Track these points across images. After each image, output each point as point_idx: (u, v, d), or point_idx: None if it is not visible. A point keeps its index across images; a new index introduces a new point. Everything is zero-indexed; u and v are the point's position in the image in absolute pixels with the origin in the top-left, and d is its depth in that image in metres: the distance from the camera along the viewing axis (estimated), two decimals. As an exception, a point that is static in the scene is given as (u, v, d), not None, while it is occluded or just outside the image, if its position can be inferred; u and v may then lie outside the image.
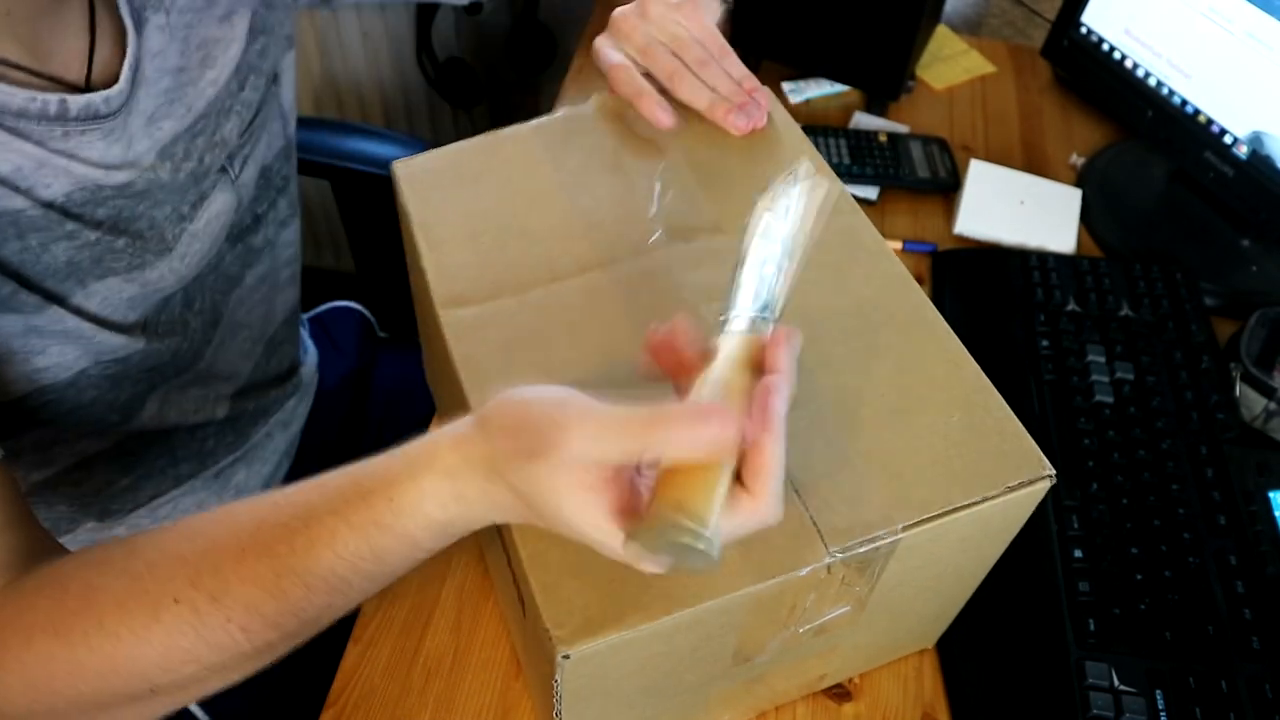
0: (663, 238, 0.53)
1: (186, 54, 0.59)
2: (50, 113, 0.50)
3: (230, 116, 0.64)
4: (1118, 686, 0.59)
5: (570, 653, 0.40)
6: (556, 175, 0.56)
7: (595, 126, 0.59)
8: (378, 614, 0.63)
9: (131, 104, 0.55)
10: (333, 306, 1.01)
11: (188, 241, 0.63)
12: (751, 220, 0.41)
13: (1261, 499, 0.69)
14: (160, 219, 0.60)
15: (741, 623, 0.45)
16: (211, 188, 0.64)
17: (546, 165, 0.56)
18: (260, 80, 0.67)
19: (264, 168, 0.71)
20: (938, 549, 0.48)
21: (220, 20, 0.61)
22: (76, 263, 0.55)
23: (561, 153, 0.57)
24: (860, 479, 0.45)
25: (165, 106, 0.58)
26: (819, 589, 0.45)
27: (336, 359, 0.96)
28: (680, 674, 0.47)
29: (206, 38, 0.60)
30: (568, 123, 0.59)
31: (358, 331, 1.00)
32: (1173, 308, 0.80)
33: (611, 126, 0.59)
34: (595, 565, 0.41)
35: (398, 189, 0.55)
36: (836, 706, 0.61)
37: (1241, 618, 0.62)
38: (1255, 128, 0.80)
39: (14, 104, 0.48)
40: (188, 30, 0.59)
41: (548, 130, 0.59)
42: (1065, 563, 0.64)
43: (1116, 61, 0.90)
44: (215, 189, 0.64)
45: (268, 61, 0.68)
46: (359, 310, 1.02)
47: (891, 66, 0.97)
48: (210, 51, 0.60)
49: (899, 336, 0.51)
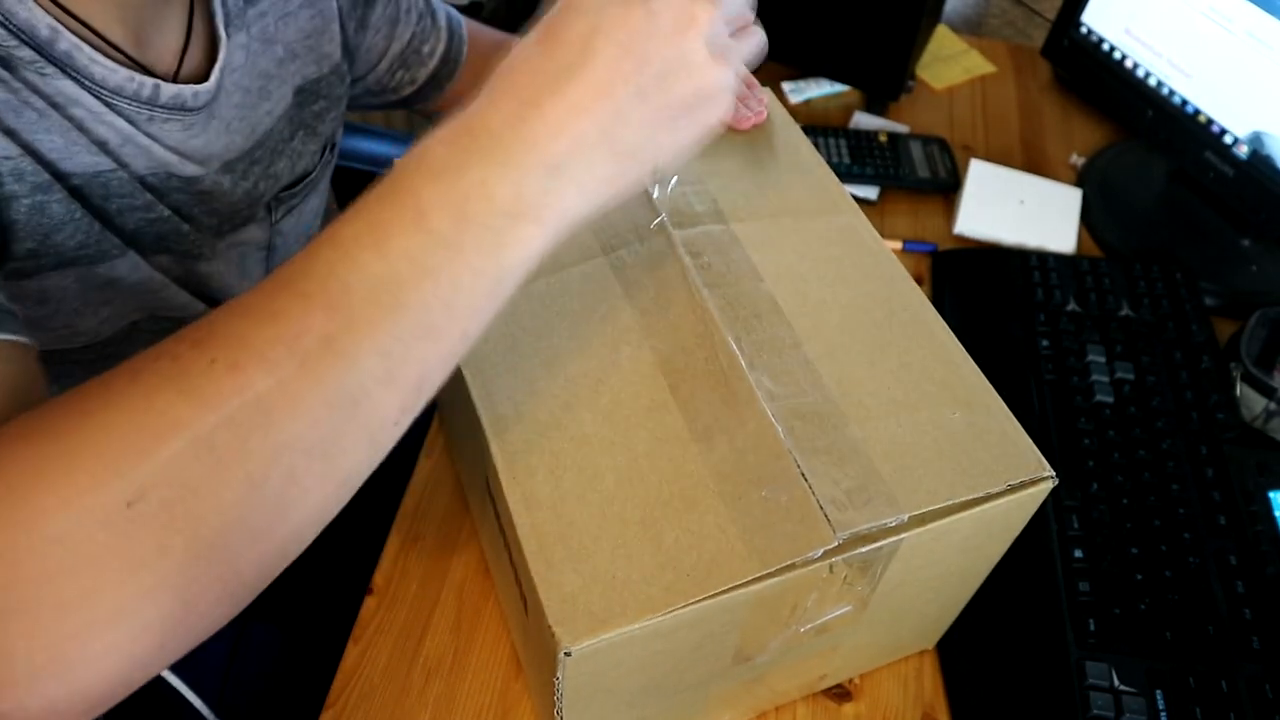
0: (664, 223, 0.53)
1: (253, 79, 0.62)
2: (143, 95, 0.53)
3: (281, 158, 0.66)
4: (1118, 686, 0.59)
5: (572, 649, 0.40)
6: None
7: None
8: (378, 614, 0.63)
9: (213, 106, 0.58)
10: None
11: (223, 255, 0.64)
12: None
13: (1261, 499, 0.69)
14: (210, 225, 0.62)
15: (743, 621, 0.45)
16: (251, 219, 0.65)
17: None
18: (311, 142, 0.69)
19: (307, 229, 0.72)
20: (939, 550, 0.48)
21: (279, 62, 0.64)
22: (143, 233, 0.57)
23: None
24: (863, 474, 0.45)
25: (236, 121, 0.61)
26: (821, 588, 0.45)
27: None
28: (681, 672, 0.47)
29: (266, 70, 0.63)
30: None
31: None
32: (1173, 308, 0.80)
33: None
34: (598, 562, 0.41)
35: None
36: (836, 706, 0.61)
37: (1241, 618, 0.62)
38: (1255, 128, 0.80)
39: (113, 81, 0.52)
40: (258, 56, 0.62)
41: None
42: (1065, 563, 0.64)
43: (1116, 61, 0.90)
44: (253, 222, 0.66)
45: (324, 126, 0.70)
46: None
47: (891, 66, 0.97)
48: (267, 85, 0.63)
49: (899, 337, 0.51)
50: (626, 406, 0.46)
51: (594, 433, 0.45)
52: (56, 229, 0.52)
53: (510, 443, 0.45)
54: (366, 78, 0.77)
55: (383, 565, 0.65)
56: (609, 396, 0.46)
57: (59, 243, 0.53)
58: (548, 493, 0.43)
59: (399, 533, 0.67)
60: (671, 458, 0.45)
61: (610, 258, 0.52)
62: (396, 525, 0.67)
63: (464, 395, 0.48)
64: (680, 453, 0.45)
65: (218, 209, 0.62)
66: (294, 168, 0.68)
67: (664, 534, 0.42)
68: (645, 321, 0.49)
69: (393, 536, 0.67)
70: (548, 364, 0.47)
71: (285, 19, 0.63)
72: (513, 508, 0.43)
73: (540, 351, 0.48)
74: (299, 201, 0.70)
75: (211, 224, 0.62)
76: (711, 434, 0.45)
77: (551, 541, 0.42)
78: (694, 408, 0.46)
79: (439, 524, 0.67)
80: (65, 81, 0.50)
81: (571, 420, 0.46)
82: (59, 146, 0.51)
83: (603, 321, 0.49)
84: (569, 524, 0.43)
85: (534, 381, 0.47)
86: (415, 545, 0.66)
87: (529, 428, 0.45)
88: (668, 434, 0.45)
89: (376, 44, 0.75)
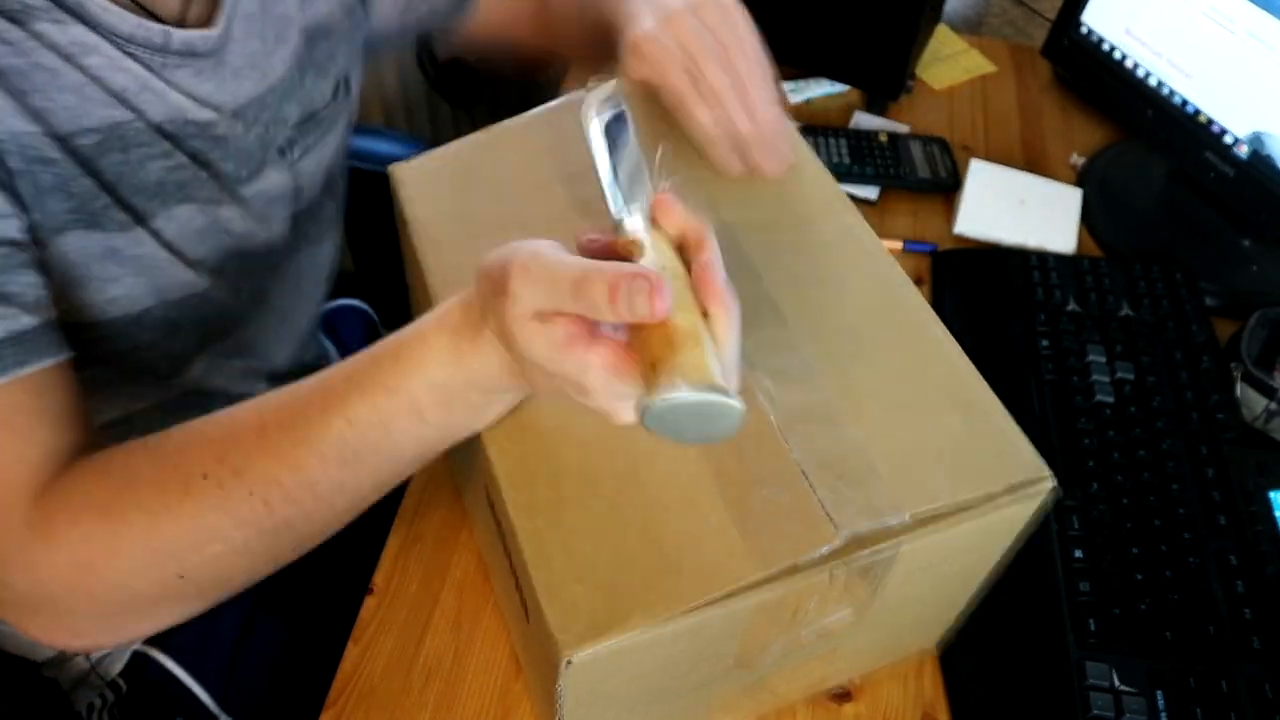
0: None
1: (267, 24, 0.61)
2: (155, 41, 0.54)
3: (292, 100, 0.65)
4: (1118, 686, 0.59)
5: (573, 658, 0.39)
6: (554, 165, 0.56)
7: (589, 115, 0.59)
8: (378, 614, 0.63)
9: (222, 53, 0.58)
10: (339, 305, 1.00)
11: (248, 202, 0.65)
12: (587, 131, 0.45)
13: (1261, 499, 0.69)
14: (228, 171, 0.62)
15: (744, 627, 0.45)
16: (268, 163, 0.65)
17: (544, 156, 0.56)
18: (322, 81, 0.68)
19: (328, 169, 0.72)
20: (940, 555, 0.48)
21: (298, 3, 0.64)
22: (165, 183, 0.58)
23: (559, 142, 0.57)
24: (863, 474, 0.45)
25: (247, 68, 0.60)
26: (821, 593, 0.45)
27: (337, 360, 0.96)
28: (683, 677, 0.47)
29: (283, 14, 0.63)
30: (565, 112, 0.59)
31: (363, 330, 1.00)
32: (1173, 308, 0.80)
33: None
34: (598, 568, 0.41)
35: (396, 193, 0.55)
36: (837, 706, 0.61)
37: (1241, 618, 0.63)
38: (1255, 128, 0.80)
39: (124, 28, 0.52)
40: (272, 2, 0.62)
41: (545, 121, 0.58)
42: (1065, 563, 0.64)
43: (1117, 61, 0.90)
44: (270, 166, 0.66)
45: (335, 64, 0.69)
46: (364, 309, 1.01)
47: (891, 66, 0.97)
48: (283, 30, 0.63)
49: (897, 339, 0.51)
50: None
51: (593, 438, 0.45)
52: (50, 194, 0.52)
53: (509, 449, 0.45)
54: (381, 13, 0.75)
55: (383, 565, 0.65)
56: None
57: (56, 211, 0.53)
58: (547, 499, 0.43)
59: (399, 533, 0.67)
60: (671, 461, 0.44)
61: None
62: (396, 525, 0.67)
63: None
64: (680, 456, 0.45)
65: (234, 154, 0.62)
66: (304, 109, 0.68)
67: (664, 538, 0.42)
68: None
69: (393, 536, 0.67)
70: None
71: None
72: (513, 515, 0.43)
73: None
74: (314, 141, 0.69)
75: (229, 170, 0.62)
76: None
77: (552, 548, 0.42)
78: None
79: (439, 524, 0.67)
80: (80, 28, 0.51)
81: (570, 426, 0.46)
82: (73, 105, 0.51)
83: None
84: (569, 531, 0.43)
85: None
86: (415, 545, 0.66)
87: (528, 434, 0.45)
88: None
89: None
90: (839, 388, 0.48)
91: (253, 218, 0.65)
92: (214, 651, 0.72)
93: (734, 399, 0.37)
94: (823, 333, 0.50)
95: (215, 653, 0.72)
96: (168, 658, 0.71)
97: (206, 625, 0.69)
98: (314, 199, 0.72)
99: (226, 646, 0.73)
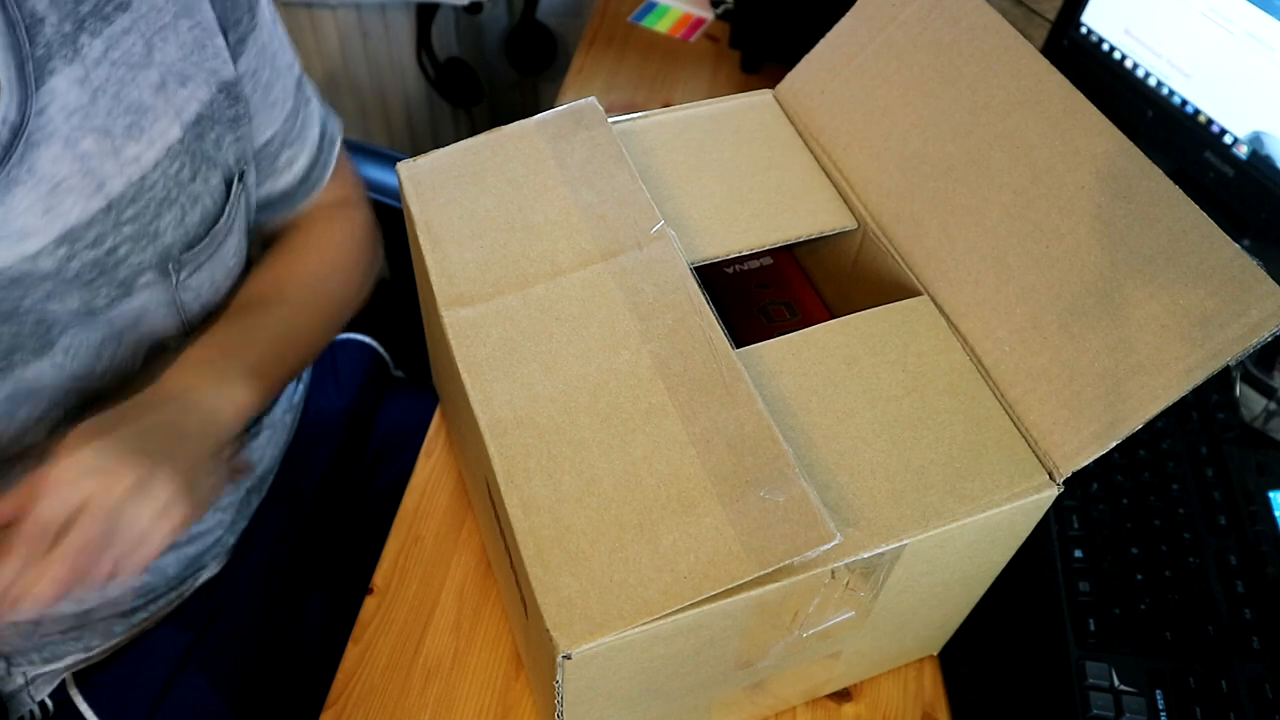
0: (665, 227, 0.53)
1: (113, 117, 0.51)
2: None
3: (171, 208, 0.56)
4: (1118, 686, 0.59)
5: (571, 653, 0.40)
6: (559, 170, 0.56)
7: (598, 120, 0.59)
8: (378, 614, 0.63)
9: (21, 165, 0.48)
10: (342, 339, 0.91)
11: (78, 334, 0.56)
12: None
13: (1261, 499, 0.69)
14: (50, 309, 0.53)
15: (744, 626, 0.45)
16: (134, 289, 0.56)
17: (550, 160, 0.56)
18: (217, 174, 0.59)
19: (229, 271, 0.63)
20: (942, 557, 0.48)
21: (155, 89, 0.53)
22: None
23: (565, 147, 0.57)
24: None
25: (78, 177, 0.50)
26: (822, 594, 0.45)
27: (334, 396, 0.87)
28: (683, 676, 0.47)
29: (138, 103, 0.52)
30: (570, 117, 0.59)
31: (367, 365, 0.91)
32: (1173, 308, 0.80)
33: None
34: (596, 566, 0.41)
35: (403, 190, 0.55)
36: (837, 706, 0.61)
37: (1241, 618, 0.63)
38: (1255, 128, 0.80)
39: None
40: (119, 88, 0.51)
41: (550, 126, 0.59)
42: (1065, 563, 0.65)
43: (1116, 61, 0.90)
44: (143, 290, 0.57)
45: (225, 155, 0.59)
46: (369, 344, 0.92)
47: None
48: (139, 121, 0.52)
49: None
50: (624, 410, 0.46)
51: (592, 436, 0.45)
52: None
53: (508, 447, 0.45)
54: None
55: (383, 565, 0.65)
56: (607, 400, 0.46)
57: None
58: (546, 496, 0.44)
59: (399, 533, 0.67)
60: (669, 460, 0.45)
61: (610, 264, 0.52)
62: (396, 525, 0.67)
63: (463, 400, 0.48)
64: (678, 455, 0.45)
65: (54, 292, 0.52)
66: (185, 218, 0.57)
67: (661, 537, 0.42)
68: (643, 326, 0.49)
69: (393, 536, 0.67)
70: (546, 368, 0.47)
71: (162, 34, 0.53)
72: (511, 512, 0.43)
73: (539, 356, 0.48)
74: (210, 256, 0.60)
75: (55, 309, 0.52)
76: (709, 436, 0.45)
77: (549, 545, 0.42)
78: (692, 410, 0.46)
79: (439, 524, 0.67)
80: None
81: (569, 424, 0.46)
82: None
83: (601, 326, 0.49)
84: (567, 528, 0.43)
85: (532, 385, 0.47)
86: (415, 545, 0.66)
87: (527, 432, 0.45)
88: (665, 437, 0.45)
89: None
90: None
91: (78, 357, 0.56)
92: (134, 703, 0.69)
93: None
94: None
95: (135, 704, 0.68)
96: (86, 704, 0.68)
97: (129, 674, 0.68)
98: (204, 319, 0.63)
99: (147, 700, 0.69)
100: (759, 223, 0.55)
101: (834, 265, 0.60)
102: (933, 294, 0.51)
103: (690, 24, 1.11)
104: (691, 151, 0.58)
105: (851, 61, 0.58)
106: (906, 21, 0.57)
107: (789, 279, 0.61)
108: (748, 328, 0.58)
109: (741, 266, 0.61)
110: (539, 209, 0.54)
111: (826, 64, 0.59)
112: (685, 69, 1.05)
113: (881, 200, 0.55)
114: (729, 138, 0.59)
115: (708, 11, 1.12)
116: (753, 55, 1.03)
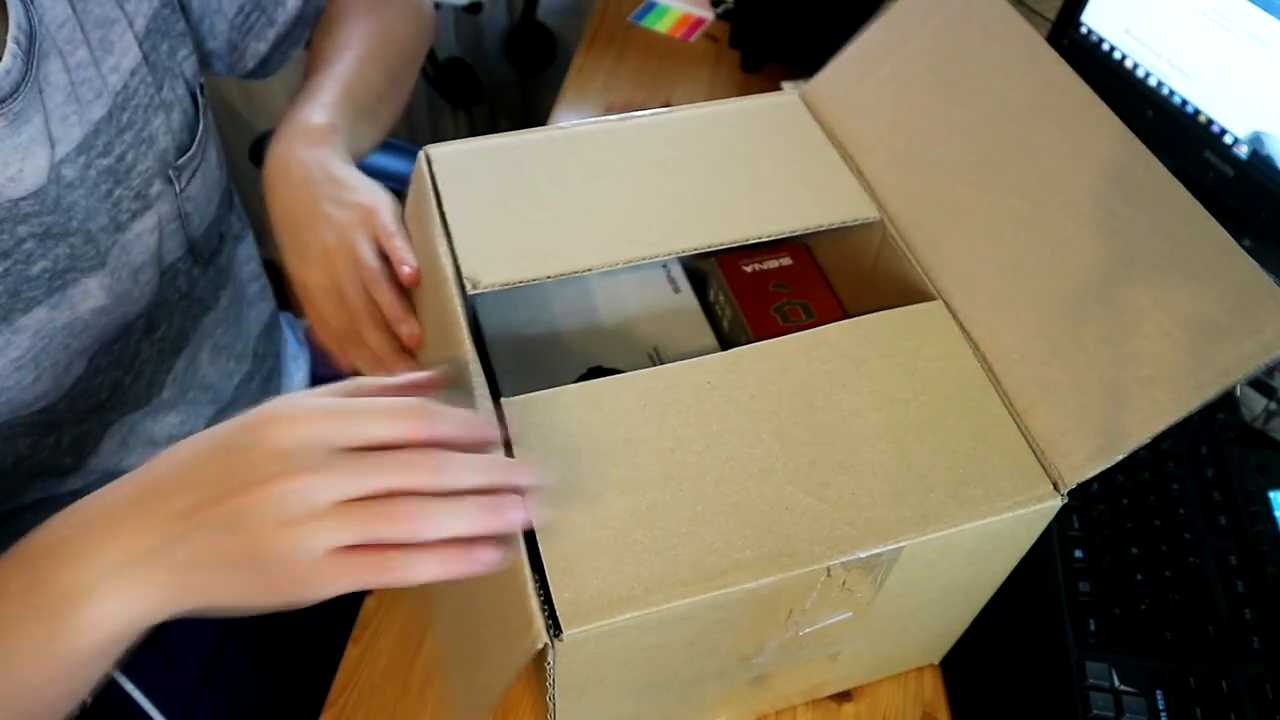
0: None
1: (89, 29, 0.53)
2: None
3: (157, 114, 0.58)
4: (1118, 686, 0.59)
5: (563, 635, 0.40)
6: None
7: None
8: (378, 614, 0.63)
9: (37, 80, 0.49)
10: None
11: (119, 254, 0.57)
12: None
13: (1261, 499, 0.69)
14: (90, 227, 0.55)
15: (739, 620, 0.45)
16: (149, 200, 0.59)
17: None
18: (181, 85, 0.61)
19: (216, 182, 0.67)
20: (942, 562, 0.47)
21: (116, 2, 0.55)
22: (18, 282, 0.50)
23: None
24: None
25: (79, 86, 0.52)
26: (819, 592, 0.45)
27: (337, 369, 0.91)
28: (677, 669, 0.47)
29: (105, 16, 0.54)
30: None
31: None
32: (1173, 308, 0.80)
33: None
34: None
35: (428, 171, 0.55)
36: (836, 707, 0.61)
37: (1241, 618, 0.63)
38: (1255, 128, 0.80)
39: None
40: (86, 2, 0.53)
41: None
42: (1065, 563, 0.65)
43: (1116, 61, 0.90)
44: (156, 201, 0.59)
45: (181, 67, 0.62)
46: None
47: (891, 66, 0.97)
48: (108, 35, 0.54)
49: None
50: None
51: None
52: None
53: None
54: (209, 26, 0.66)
55: (383, 566, 0.65)
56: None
57: None
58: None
59: (399, 533, 0.67)
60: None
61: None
62: (397, 526, 0.67)
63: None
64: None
65: (82, 202, 0.54)
66: (178, 123, 0.60)
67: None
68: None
69: (393, 537, 0.66)
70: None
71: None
72: None
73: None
74: (201, 161, 0.63)
75: (90, 221, 0.54)
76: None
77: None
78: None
79: (439, 524, 0.67)
80: None
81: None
82: None
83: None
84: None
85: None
86: (415, 546, 0.66)
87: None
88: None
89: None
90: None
91: (123, 279, 0.59)
92: (178, 678, 0.69)
93: None
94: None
95: (179, 680, 0.69)
96: (130, 683, 0.68)
97: (172, 650, 0.68)
98: (214, 220, 0.67)
99: (192, 674, 0.70)
100: (780, 211, 0.55)
101: (852, 267, 0.60)
102: (946, 299, 0.51)
103: (690, 24, 1.11)
104: (715, 145, 0.58)
105: (880, 66, 0.58)
106: (936, 29, 0.57)
107: (807, 279, 0.61)
108: (762, 326, 0.58)
109: (760, 265, 0.61)
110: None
111: (855, 67, 0.60)
112: (685, 69, 1.05)
113: (900, 204, 0.55)
114: (754, 132, 0.59)
115: (708, 11, 1.12)
116: (753, 55, 1.03)
